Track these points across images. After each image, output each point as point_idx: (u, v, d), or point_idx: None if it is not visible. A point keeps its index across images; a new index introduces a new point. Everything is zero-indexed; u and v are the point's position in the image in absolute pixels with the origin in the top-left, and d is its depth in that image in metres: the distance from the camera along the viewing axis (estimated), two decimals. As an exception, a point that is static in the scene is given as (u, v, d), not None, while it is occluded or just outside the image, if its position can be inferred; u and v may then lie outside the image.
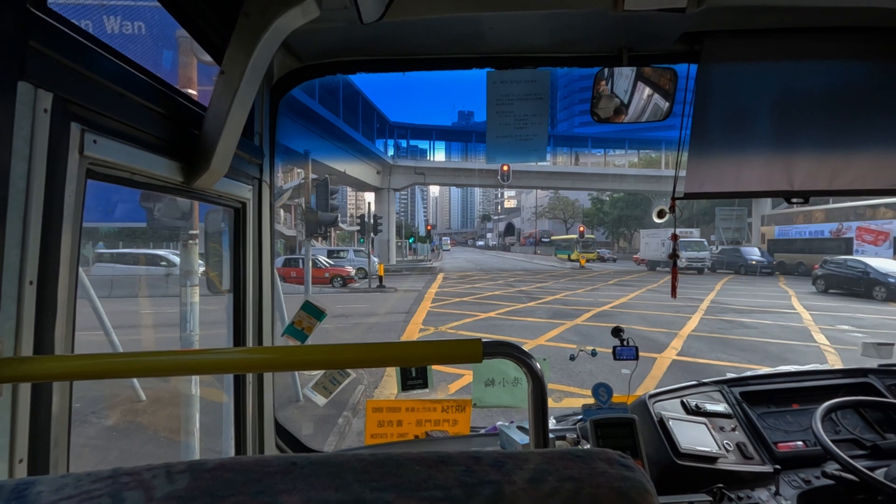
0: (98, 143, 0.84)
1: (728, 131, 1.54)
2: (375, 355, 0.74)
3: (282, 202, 9.36)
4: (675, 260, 1.78)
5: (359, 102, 37.75)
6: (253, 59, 1.06)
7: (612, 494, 0.41)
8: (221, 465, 0.44)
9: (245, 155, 1.45)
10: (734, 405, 1.85)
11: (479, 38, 1.52)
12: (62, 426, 0.80)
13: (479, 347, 0.72)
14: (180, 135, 1.11)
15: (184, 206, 3.76)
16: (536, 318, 12.07)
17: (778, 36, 1.45)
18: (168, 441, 4.69)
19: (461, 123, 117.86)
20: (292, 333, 1.84)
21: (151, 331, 9.37)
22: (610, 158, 55.57)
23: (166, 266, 15.01)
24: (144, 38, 3.33)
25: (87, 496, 0.40)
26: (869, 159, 1.53)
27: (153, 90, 1.02)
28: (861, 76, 1.49)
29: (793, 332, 10.59)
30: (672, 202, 1.63)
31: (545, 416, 0.78)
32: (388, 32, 1.47)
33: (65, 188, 0.78)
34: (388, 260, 34.24)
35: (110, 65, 0.89)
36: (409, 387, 2.03)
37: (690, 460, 1.54)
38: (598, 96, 1.62)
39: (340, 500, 0.40)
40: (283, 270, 18.85)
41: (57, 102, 0.75)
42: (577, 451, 0.46)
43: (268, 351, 0.96)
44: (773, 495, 1.51)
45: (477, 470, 0.43)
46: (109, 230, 16.03)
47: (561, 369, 6.97)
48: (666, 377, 6.96)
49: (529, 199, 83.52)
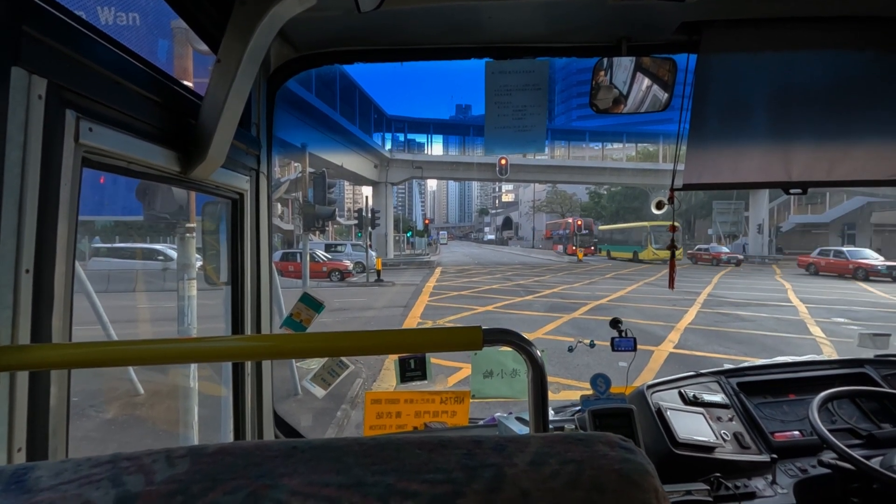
0: (94, 130, 0.83)
1: (727, 122, 1.53)
2: (374, 343, 0.74)
3: (279, 195, 9.31)
4: (673, 252, 1.78)
5: (356, 95, 37.53)
6: (249, 48, 1.05)
7: (614, 476, 0.41)
8: (222, 450, 0.43)
9: (242, 145, 1.44)
10: (731, 395, 1.86)
11: (477, 28, 1.51)
12: (61, 415, 0.79)
13: (478, 335, 0.72)
14: (177, 124, 1.10)
15: (180, 200, 3.74)
16: (534, 312, 12.10)
17: (777, 26, 1.44)
18: (167, 434, 4.70)
19: (459, 117, 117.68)
20: (290, 325, 1.83)
21: (149, 325, 9.36)
22: (608, 152, 55.43)
23: (163, 260, 14.97)
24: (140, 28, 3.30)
25: (86, 480, 0.40)
26: (867, 150, 1.53)
27: (149, 79, 1.01)
28: (860, 67, 1.48)
29: (789, 324, 10.66)
30: (671, 193, 1.63)
31: (545, 403, 0.78)
32: (385, 21, 1.46)
33: (60, 176, 0.77)
34: (385, 254, 34.22)
35: (106, 52, 0.87)
36: (408, 378, 2.03)
37: (688, 450, 1.55)
38: (597, 87, 1.62)
39: (341, 484, 0.40)
40: (281, 265, 18.82)
41: (51, 89, 0.74)
42: (579, 435, 0.46)
43: (265, 339, 0.96)
44: (770, 484, 1.52)
45: (478, 453, 0.43)
46: (106, 224, 15.98)
47: (559, 362, 7.00)
48: (663, 370, 6.99)
49: (527, 193, 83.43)
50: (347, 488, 0.39)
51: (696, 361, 7.43)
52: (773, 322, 10.91)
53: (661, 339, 8.95)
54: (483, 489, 0.40)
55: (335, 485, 0.40)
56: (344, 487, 0.39)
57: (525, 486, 0.40)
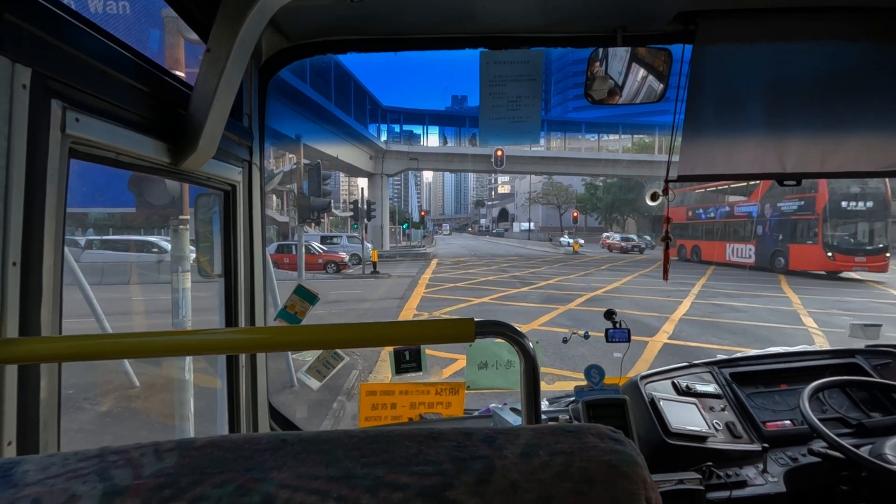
0: (80, 121, 0.82)
1: (722, 113, 1.53)
2: (367, 335, 0.74)
3: (272, 186, 9.30)
4: (667, 243, 1.79)
5: (350, 86, 37.22)
6: (240, 37, 1.03)
7: (603, 467, 0.41)
8: (211, 443, 0.43)
9: (234, 136, 1.42)
10: (724, 386, 1.88)
11: (471, 17, 1.49)
12: (51, 409, 0.79)
13: (471, 327, 0.72)
14: (166, 114, 1.09)
15: (173, 191, 3.71)
16: (530, 303, 12.15)
17: (773, 16, 1.43)
18: (162, 426, 4.70)
19: (454, 108, 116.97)
20: (285, 318, 1.83)
21: (143, 318, 9.33)
22: (604, 143, 55.35)
23: (157, 252, 14.89)
24: (129, 16, 3.25)
25: (73, 474, 0.39)
26: (860, 141, 1.53)
27: (138, 68, 0.99)
28: (856, 57, 1.48)
29: (782, 315, 10.74)
30: (665, 185, 1.62)
31: (537, 394, 0.79)
32: (378, 11, 1.44)
33: (47, 167, 0.76)
34: (381, 246, 34.17)
35: (92, 41, 0.86)
36: (403, 370, 2.04)
37: (680, 439, 1.57)
38: (593, 77, 1.61)
39: (330, 476, 0.40)
40: (276, 257, 18.76)
41: (36, 78, 0.73)
42: (568, 427, 0.46)
43: (259, 331, 0.95)
44: (761, 473, 1.54)
45: (468, 445, 0.43)
46: (99, 216, 15.85)
47: (554, 353, 7.04)
48: (657, 361, 7.05)
49: (523, 185, 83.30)
50: (336, 481, 0.39)
51: (689, 352, 7.49)
52: (766, 312, 11.00)
53: (655, 329, 9.01)
54: (473, 481, 0.40)
55: (324, 477, 0.40)
56: (333, 480, 0.39)
57: (515, 478, 0.40)
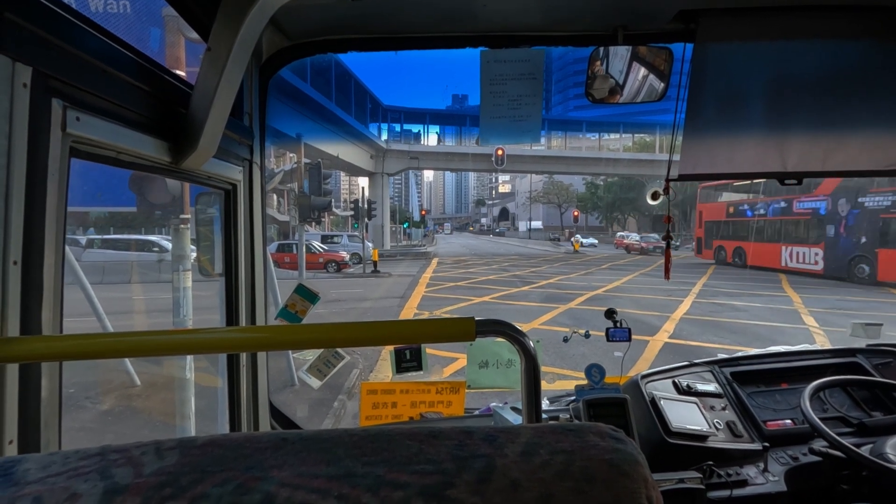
0: (81, 120, 0.82)
1: (723, 112, 1.53)
2: (368, 334, 0.74)
3: (273, 185, 9.31)
4: (668, 242, 1.78)
5: (351, 85, 37.19)
6: (240, 36, 1.03)
7: (604, 466, 0.41)
8: (212, 442, 0.43)
9: (234, 135, 1.42)
10: (725, 385, 1.87)
11: (472, 16, 1.49)
12: (52, 407, 0.79)
13: (471, 326, 0.72)
14: (167, 113, 1.09)
15: (174, 191, 3.71)
16: (531, 302, 12.14)
17: (774, 14, 1.43)
18: (164, 425, 4.71)
19: (455, 107, 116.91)
20: (286, 317, 1.83)
21: (144, 317, 9.34)
22: (604, 142, 55.25)
23: (158, 252, 14.90)
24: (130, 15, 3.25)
25: (74, 473, 0.39)
26: (862, 140, 1.53)
27: (138, 67, 0.99)
28: (857, 56, 1.47)
29: (783, 314, 10.73)
30: (666, 184, 1.62)
31: (538, 393, 0.78)
32: (379, 10, 1.44)
33: (47, 166, 0.76)
34: (382, 245, 34.16)
35: (92, 40, 0.86)
36: (404, 369, 2.04)
37: (681, 439, 1.57)
38: (594, 76, 1.60)
39: (331, 475, 0.40)
40: (277, 256, 18.76)
41: (37, 77, 0.73)
42: (569, 426, 0.46)
43: (260, 330, 0.95)
44: (762, 472, 1.54)
45: (469, 444, 0.43)
46: (100, 215, 15.87)
47: (554, 352, 7.04)
48: (658, 360, 7.05)
49: (524, 184, 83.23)
50: (337, 479, 0.39)
51: (690, 351, 7.48)
52: (766, 311, 10.99)
53: (656, 328, 9.00)
54: (473, 480, 0.40)
55: (324, 476, 0.40)
56: (333, 479, 0.39)
57: (515, 477, 0.40)
